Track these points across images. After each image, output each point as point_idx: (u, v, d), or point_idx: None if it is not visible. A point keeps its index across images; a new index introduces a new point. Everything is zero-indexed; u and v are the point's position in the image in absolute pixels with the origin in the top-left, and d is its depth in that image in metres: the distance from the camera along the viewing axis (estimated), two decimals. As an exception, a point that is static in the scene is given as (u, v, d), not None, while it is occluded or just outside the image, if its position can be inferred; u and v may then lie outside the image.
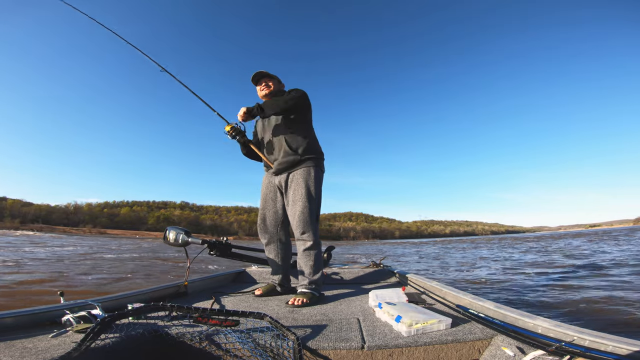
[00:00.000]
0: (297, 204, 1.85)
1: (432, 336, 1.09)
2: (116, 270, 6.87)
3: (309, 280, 1.83)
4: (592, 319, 2.88)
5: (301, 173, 1.89)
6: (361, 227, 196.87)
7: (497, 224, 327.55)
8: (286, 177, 1.93)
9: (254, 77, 2.03)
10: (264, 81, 2.04)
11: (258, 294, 1.94)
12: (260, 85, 2.04)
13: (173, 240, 1.93)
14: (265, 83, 2.03)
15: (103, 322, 0.91)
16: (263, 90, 2.02)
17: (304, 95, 1.95)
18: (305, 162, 1.91)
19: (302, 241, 1.87)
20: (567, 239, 23.42)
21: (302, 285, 1.83)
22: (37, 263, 7.69)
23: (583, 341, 0.92)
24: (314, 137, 2.03)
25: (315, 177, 1.90)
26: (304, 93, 1.96)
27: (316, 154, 1.97)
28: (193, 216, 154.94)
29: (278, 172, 1.96)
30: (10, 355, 0.89)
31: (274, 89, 2.03)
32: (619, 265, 6.20)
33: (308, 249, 1.86)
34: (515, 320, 1.16)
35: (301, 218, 1.83)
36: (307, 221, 1.84)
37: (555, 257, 9.38)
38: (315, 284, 1.83)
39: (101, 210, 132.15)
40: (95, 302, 1.30)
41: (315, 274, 1.85)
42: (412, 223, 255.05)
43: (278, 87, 2.07)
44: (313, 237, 1.85)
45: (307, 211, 1.84)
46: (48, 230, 77.82)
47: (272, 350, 1.01)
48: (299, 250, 1.90)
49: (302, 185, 1.86)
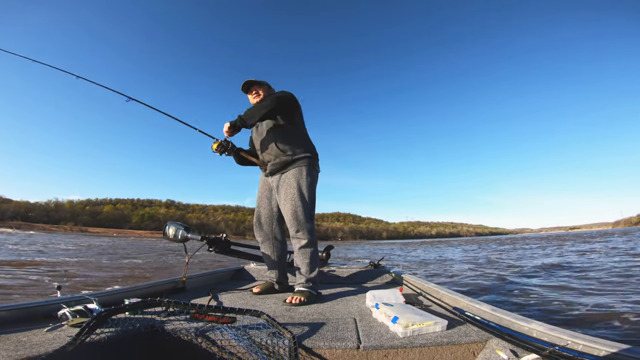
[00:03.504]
0: (289, 203, 1.86)
1: (428, 338, 1.09)
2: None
3: (306, 279, 1.83)
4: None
5: (293, 173, 1.89)
6: (349, 228, 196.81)
7: (481, 225, 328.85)
8: (278, 178, 1.94)
9: (243, 86, 2.03)
10: (253, 89, 2.04)
11: (256, 292, 1.95)
12: (250, 94, 2.05)
13: (172, 236, 1.92)
14: (256, 91, 2.03)
15: (99, 316, 0.90)
16: (255, 98, 2.03)
17: (287, 95, 1.93)
18: (296, 162, 1.91)
19: (297, 239, 1.87)
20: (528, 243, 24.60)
21: (299, 284, 1.83)
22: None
23: (577, 345, 0.93)
24: (305, 138, 2.02)
25: (307, 176, 1.90)
26: (288, 93, 1.94)
27: (308, 154, 1.96)
28: (179, 215, 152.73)
29: (271, 174, 1.98)
30: (4, 348, 0.89)
31: (265, 95, 2.02)
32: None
33: (303, 247, 1.86)
34: (511, 324, 1.16)
35: (294, 217, 1.84)
36: (300, 220, 1.84)
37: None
38: (312, 282, 1.84)
39: (83, 207, 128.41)
40: (92, 296, 1.30)
41: (311, 272, 1.85)
42: (399, 224, 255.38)
43: (268, 93, 2.06)
44: (308, 235, 1.85)
45: (299, 210, 1.84)
46: (27, 228, 74.16)
47: (267, 348, 1.01)
48: (295, 249, 1.90)
49: (293, 185, 1.86)
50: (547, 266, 7.34)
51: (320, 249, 2.66)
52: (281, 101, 1.86)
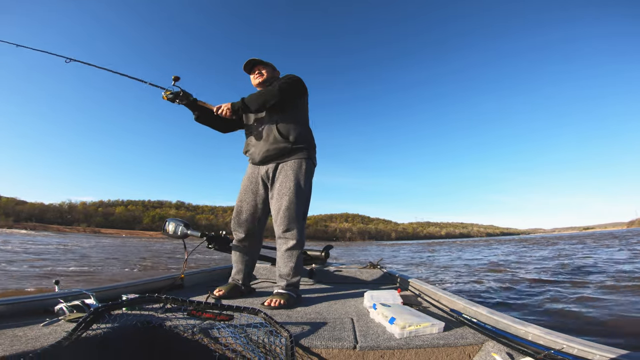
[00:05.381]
0: (284, 197, 1.70)
1: (424, 339, 1.09)
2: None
3: (287, 282, 1.69)
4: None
5: (291, 165, 1.74)
6: (357, 228, 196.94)
7: (492, 225, 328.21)
8: (274, 167, 1.77)
9: (246, 65, 1.87)
10: (257, 69, 1.89)
11: (219, 294, 1.71)
12: (253, 74, 1.90)
13: (172, 232, 1.91)
14: (259, 71, 1.88)
15: (96, 312, 0.90)
16: (257, 78, 1.88)
17: (297, 82, 1.77)
18: (296, 152, 1.76)
19: (285, 239, 1.72)
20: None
21: (279, 287, 1.69)
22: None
23: (572, 349, 0.93)
24: (307, 126, 1.88)
25: (307, 170, 1.76)
26: (297, 79, 1.79)
27: (309, 144, 1.82)
28: (189, 216, 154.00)
29: (266, 161, 1.79)
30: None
31: (267, 76, 1.88)
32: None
33: (290, 248, 1.71)
34: (507, 327, 1.16)
35: (286, 214, 1.69)
36: (292, 218, 1.69)
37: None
38: (293, 286, 1.70)
39: (96, 209, 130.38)
40: (89, 291, 1.30)
41: (294, 276, 1.71)
42: (408, 225, 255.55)
43: (272, 75, 1.92)
44: (297, 236, 1.71)
45: (293, 207, 1.69)
46: (42, 229, 76.53)
47: (264, 346, 1.01)
48: (280, 250, 1.74)
49: (291, 178, 1.72)
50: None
51: (319, 248, 2.66)
52: (285, 93, 1.72)
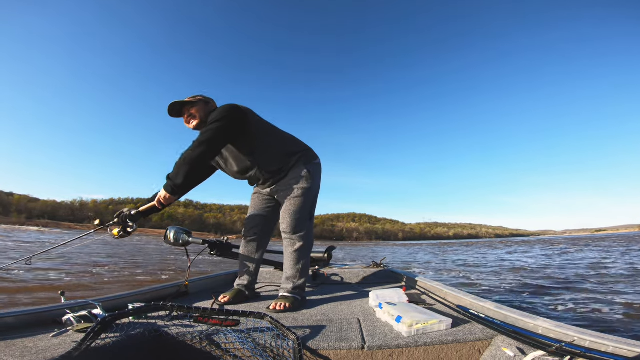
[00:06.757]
0: (290, 201, 1.69)
1: (433, 336, 1.09)
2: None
3: (294, 285, 1.66)
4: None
5: (291, 175, 1.73)
6: (364, 228, 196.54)
7: (501, 227, 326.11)
8: (276, 187, 1.77)
9: (171, 110, 1.61)
10: (185, 111, 1.63)
11: (224, 300, 1.69)
12: (183, 117, 1.65)
13: (173, 240, 1.92)
14: (188, 113, 1.63)
15: (103, 321, 0.91)
16: (191, 122, 1.64)
17: (224, 118, 1.51)
18: (292, 168, 1.73)
19: (292, 241, 1.69)
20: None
21: (284, 289, 1.66)
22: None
23: (583, 342, 0.92)
24: (282, 142, 1.75)
25: (308, 174, 1.73)
26: (223, 115, 1.53)
27: (298, 154, 1.75)
28: (197, 214, 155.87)
29: (265, 185, 1.80)
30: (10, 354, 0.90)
31: (201, 115, 1.63)
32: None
33: (297, 250, 1.69)
34: (516, 321, 1.16)
35: (293, 216, 1.67)
36: (298, 218, 1.67)
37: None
38: (299, 288, 1.68)
39: (106, 207, 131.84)
40: (96, 301, 1.31)
41: (300, 278, 1.69)
42: (416, 225, 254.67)
43: (206, 111, 1.64)
44: (305, 237, 1.69)
45: (299, 208, 1.68)
46: (54, 226, 79.60)
47: (272, 350, 1.00)
48: (287, 251, 1.72)
49: (296, 182, 1.71)
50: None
51: (321, 249, 2.65)
52: (222, 130, 1.50)
